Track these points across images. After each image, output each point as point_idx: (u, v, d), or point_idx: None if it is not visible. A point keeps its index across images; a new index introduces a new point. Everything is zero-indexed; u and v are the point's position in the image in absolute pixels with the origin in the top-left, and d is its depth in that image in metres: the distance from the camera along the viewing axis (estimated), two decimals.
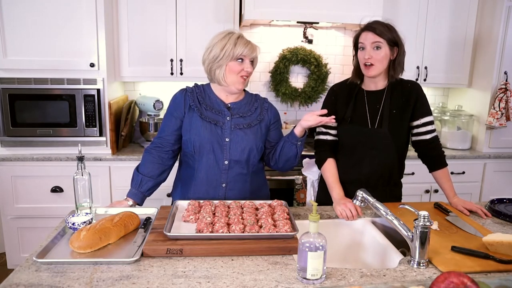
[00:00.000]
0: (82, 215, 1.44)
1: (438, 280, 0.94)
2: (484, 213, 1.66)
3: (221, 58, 1.62)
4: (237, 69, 1.63)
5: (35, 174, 2.61)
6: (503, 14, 2.83)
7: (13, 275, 1.13)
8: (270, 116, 1.76)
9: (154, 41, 2.80)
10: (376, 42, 1.65)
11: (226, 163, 1.67)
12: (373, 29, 1.66)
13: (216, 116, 1.68)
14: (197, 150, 1.68)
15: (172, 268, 1.18)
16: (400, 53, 1.70)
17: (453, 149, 3.10)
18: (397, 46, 1.69)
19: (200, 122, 1.66)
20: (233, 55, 1.61)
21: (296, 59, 3.18)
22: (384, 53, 1.66)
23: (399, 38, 1.69)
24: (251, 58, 1.66)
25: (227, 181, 1.68)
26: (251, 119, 1.71)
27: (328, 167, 1.79)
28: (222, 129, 1.66)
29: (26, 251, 2.70)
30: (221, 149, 1.66)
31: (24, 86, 2.55)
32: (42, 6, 2.48)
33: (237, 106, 1.71)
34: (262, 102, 1.78)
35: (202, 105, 1.69)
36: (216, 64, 1.64)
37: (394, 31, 1.69)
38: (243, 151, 1.67)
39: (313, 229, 1.11)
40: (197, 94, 1.71)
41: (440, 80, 3.13)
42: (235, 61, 1.63)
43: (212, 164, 1.67)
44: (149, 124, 2.89)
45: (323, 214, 1.65)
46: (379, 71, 1.69)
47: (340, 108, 1.80)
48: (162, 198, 2.59)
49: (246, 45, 1.63)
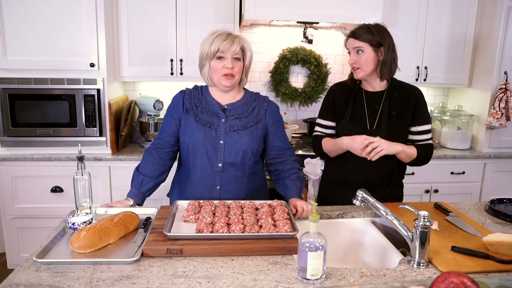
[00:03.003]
0: (82, 215, 1.44)
1: (438, 280, 0.94)
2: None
3: (203, 57, 1.64)
4: (218, 67, 1.61)
5: (35, 174, 2.61)
6: (503, 14, 2.83)
7: (13, 275, 1.13)
8: (268, 117, 1.71)
9: (154, 41, 2.80)
10: (357, 47, 1.70)
11: (220, 166, 1.65)
12: (353, 34, 1.72)
13: (211, 119, 1.67)
14: (191, 153, 1.68)
15: (172, 268, 1.18)
16: (386, 52, 1.69)
17: (453, 149, 3.10)
18: (383, 46, 1.69)
19: (194, 124, 1.66)
20: (211, 53, 1.60)
21: (296, 59, 3.18)
22: (367, 56, 1.68)
23: (383, 38, 1.68)
24: (233, 54, 1.60)
25: (221, 183, 1.67)
26: (247, 120, 1.68)
27: (325, 140, 1.82)
28: (217, 131, 1.65)
29: (26, 251, 2.70)
30: (215, 152, 1.65)
31: (24, 86, 2.55)
32: (42, 6, 2.48)
33: (233, 107, 1.69)
34: (261, 101, 1.73)
35: (198, 107, 1.69)
36: (201, 65, 1.66)
37: (379, 33, 1.68)
38: (237, 154, 1.65)
39: (313, 229, 1.11)
40: (194, 97, 1.71)
41: (440, 80, 3.13)
42: (215, 59, 1.61)
43: (206, 167, 1.66)
44: (149, 124, 2.89)
45: (323, 214, 1.64)
46: (365, 73, 1.72)
47: (338, 108, 1.81)
48: (162, 198, 2.58)
49: (223, 40, 1.58)
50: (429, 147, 1.78)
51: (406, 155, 1.71)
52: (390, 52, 1.69)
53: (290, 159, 1.74)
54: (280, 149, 1.74)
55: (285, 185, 1.69)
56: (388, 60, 1.70)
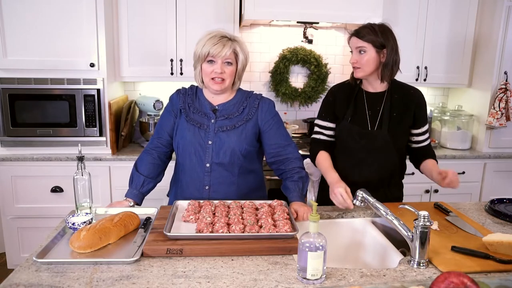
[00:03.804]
0: (82, 215, 1.44)
1: (438, 280, 0.94)
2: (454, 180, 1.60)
3: (196, 59, 1.63)
4: (208, 71, 1.60)
5: (35, 174, 2.61)
6: (503, 14, 2.83)
7: (13, 275, 1.13)
8: (261, 115, 1.67)
9: (154, 41, 2.80)
10: (359, 46, 1.68)
11: (208, 166, 1.65)
12: (357, 33, 1.69)
13: (202, 119, 1.66)
14: (180, 152, 1.68)
15: (172, 268, 1.18)
16: (388, 54, 1.67)
17: (453, 149, 3.10)
18: (386, 48, 1.67)
19: (185, 124, 1.66)
20: (202, 56, 1.58)
21: (296, 59, 3.18)
22: (369, 57, 1.67)
23: (387, 40, 1.67)
24: (224, 59, 1.58)
25: (210, 183, 1.66)
26: (236, 120, 1.66)
27: (320, 157, 1.80)
28: (206, 132, 1.64)
29: (26, 251, 2.70)
30: (203, 152, 1.64)
31: (24, 86, 2.55)
32: (42, 6, 2.48)
33: (224, 108, 1.68)
34: (253, 99, 1.69)
35: (191, 107, 1.69)
36: (194, 66, 1.65)
37: (382, 34, 1.67)
38: (225, 154, 1.63)
39: (313, 229, 1.11)
40: (188, 96, 1.71)
41: (440, 80, 3.13)
42: (206, 62, 1.60)
43: (194, 167, 1.66)
44: (149, 124, 2.89)
45: (323, 214, 1.64)
46: (365, 73, 1.70)
47: (339, 109, 1.80)
48: (162, 198, 2.58)
49: (213, 44, 1.55)
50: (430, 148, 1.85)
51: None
52: (393, 55, 1.68)
53: (292, 157, 1.69)
54: (279, 146, 1.69)
55: (286, 186, 1.67)
56: (390, 63, 1.68)
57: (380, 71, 1.71)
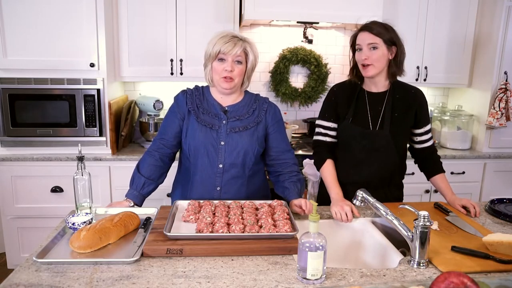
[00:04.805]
0: (82, 215, 1.44)
1: (438, 280, 0.94)
2: (474, 212, 1.65)
3: (206, 58, 1.64)
4: (218, 69, 1.61)
5: (35, 174, 2.61)
6: (503, 14, 2.83)
7: (13, 275, 1.13)
8: (268, 118, 1.71)
9: (154, 41, 2.80)
10: (372, 43, 1.64)
11: (220, 167, 1.65)
12: (370, 29, 1.65)
13: (212, 120, 1.67)
14: (192, 153, 1.68)
15: (172, 268, 1.18)
16: (398, 53, 1.68)
17: (453, 149, 3.10)
18: (396, 45, 1.67)
19: (196, 125, 1.66)
20: (213, 54, 1.60)
21: (296, 59, 3.18)
22: (381, 53, 1.65)
23: (397, 38, 1.67)
24: (235, 57, 1.60)
25: (221, 184, 1.67)
26: (248, 121, 1.68)
27: (326, 168, 1.78)
28: (218, 132, 1.65)
29: (26, 251, 2.70)
30: (216, 153, 1.65)
31: (24, 86, 2.55)
32: (42, 6, 2.48)
33: (234, 109, 1.69)
34: (261, 102, 1.73)
35: (200, 108, 1.69)
36: (205, 64, 1.67)
37: (392, 31, 1.67)
38: (238, 154, 1.65)
39: (313, 229, 1.11)
40: (196, 97, 1.71)
41: (440, 80, 3.13)
42: (217, 61, 1.61)
43: (206, 168, 1.66)
44: (149, 124, 2.89)
45: (323, 214, 1.64)
46: (376, 71, 1.67)
47: (340, 108, 1.79)
48: (162, 198, 2.59)
49: (225, 43, 1.57)
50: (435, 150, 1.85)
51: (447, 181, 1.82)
52: (401, 52, 1.68)
53: (290, 162, 1.74)
54: (279, 150, 1.73)
55: (285, 187, 1.68)
56: (401, 61, 1.69)
57: (387, 69, 1.70)
